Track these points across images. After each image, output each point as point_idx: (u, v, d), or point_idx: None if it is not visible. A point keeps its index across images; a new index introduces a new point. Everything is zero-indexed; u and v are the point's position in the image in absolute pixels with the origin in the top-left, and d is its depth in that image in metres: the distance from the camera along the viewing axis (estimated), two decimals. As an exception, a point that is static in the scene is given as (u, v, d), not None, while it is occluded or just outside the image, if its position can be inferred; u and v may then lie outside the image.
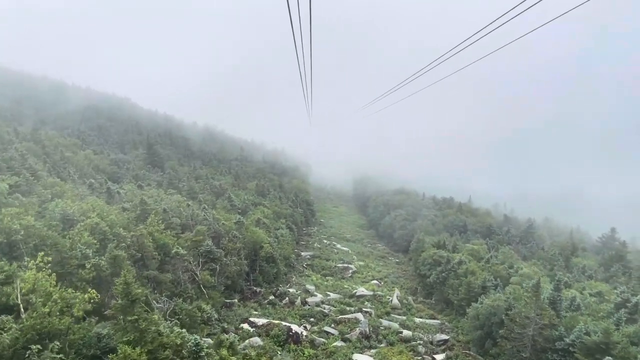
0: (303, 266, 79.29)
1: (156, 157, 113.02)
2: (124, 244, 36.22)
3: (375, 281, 74.31)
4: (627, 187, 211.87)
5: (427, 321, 53.58)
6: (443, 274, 61.62)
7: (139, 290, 25.09)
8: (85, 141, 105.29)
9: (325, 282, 68.25)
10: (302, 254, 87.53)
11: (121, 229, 38.23)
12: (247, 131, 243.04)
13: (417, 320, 53.24)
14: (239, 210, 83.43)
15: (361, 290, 62.98)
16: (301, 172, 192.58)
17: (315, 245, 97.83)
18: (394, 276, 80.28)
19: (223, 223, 51.77)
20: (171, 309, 34.64)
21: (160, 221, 43.45)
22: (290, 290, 54.18)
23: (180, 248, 39.57)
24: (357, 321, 46.44)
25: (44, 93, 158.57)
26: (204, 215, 53.80)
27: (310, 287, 56.39)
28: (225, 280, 45.19)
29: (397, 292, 63.50)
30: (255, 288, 51.89)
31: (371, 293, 61.38)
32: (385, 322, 50.33)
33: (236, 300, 46.88)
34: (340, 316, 47.85)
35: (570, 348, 30.83)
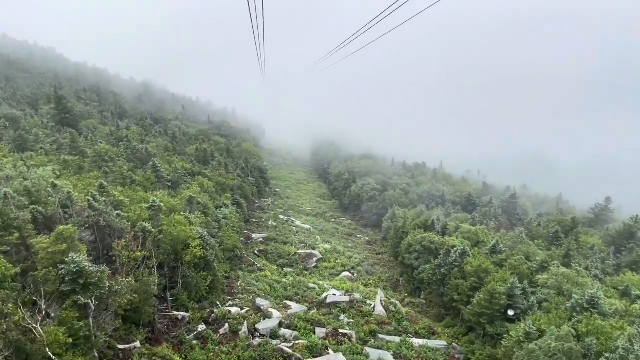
0: (255, 254, 61.66)
1: (67, 114, 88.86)
2: None
3: (346, 273, 58.30)
4: (585, 150, 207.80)
5: (430, 343, 37.99)
6: (442, 270, 45.82)
7: None
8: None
9: (284, 280, 51.25)
10: (254, 236, 69.74)
11: None
12: (192, 89, 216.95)
13: (416, 343, 37.48)
14: (169, 184, 63.48)
15: (332, 293, 46.54)
16: (253, 135, 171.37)
17: (270, 223, 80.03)
18: (367, 264, 64.51)
19: (118, 214, 32.11)
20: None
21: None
22: (232, 310, 36.18)
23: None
24: (338, 369, 29.57)
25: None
26: (91, 200, 33.47)
27: (262, 303, 38.61)
28: (113, 317, 26.24)
29: (380, 294, 47.38)
30: (175, 313, 33.47)
31: (347, 299, 44.92)
32: (374, 354, 34.09)
33: (138, 344, 28.33)
34: (310, 360, 30.66)
35: None
